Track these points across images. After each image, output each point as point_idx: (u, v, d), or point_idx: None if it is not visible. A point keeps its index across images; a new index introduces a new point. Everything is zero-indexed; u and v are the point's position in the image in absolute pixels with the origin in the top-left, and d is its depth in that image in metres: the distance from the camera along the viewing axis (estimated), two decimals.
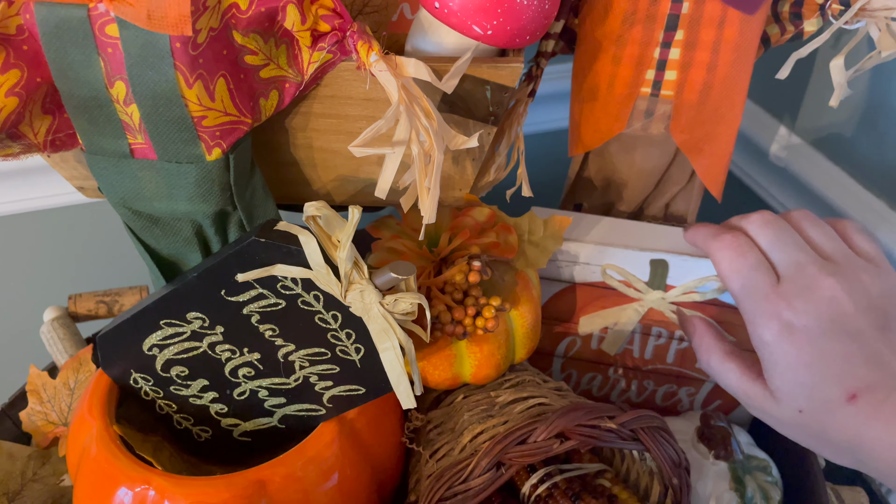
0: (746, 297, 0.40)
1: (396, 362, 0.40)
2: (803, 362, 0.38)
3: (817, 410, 0.38)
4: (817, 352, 0.38)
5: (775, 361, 0.39)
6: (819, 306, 0.38)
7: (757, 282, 0.40)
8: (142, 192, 0.40)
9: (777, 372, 0.39)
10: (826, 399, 0.37)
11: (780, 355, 0.39)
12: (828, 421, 0.38)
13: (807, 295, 0.38)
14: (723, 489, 0.51)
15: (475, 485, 0.42)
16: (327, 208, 0.36)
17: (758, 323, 0.39)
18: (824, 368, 0.37)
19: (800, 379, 0.38)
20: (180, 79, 0.35)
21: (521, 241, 0.51)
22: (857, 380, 0.37)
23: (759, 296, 0.39)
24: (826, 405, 0.38)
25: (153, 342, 0.43)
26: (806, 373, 0.38)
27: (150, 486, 0.41)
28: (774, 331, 0.39)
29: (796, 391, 0.38)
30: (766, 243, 0.41)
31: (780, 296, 0.39)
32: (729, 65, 0.49)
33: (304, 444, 0.43)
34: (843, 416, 0.37)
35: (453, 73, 0.36)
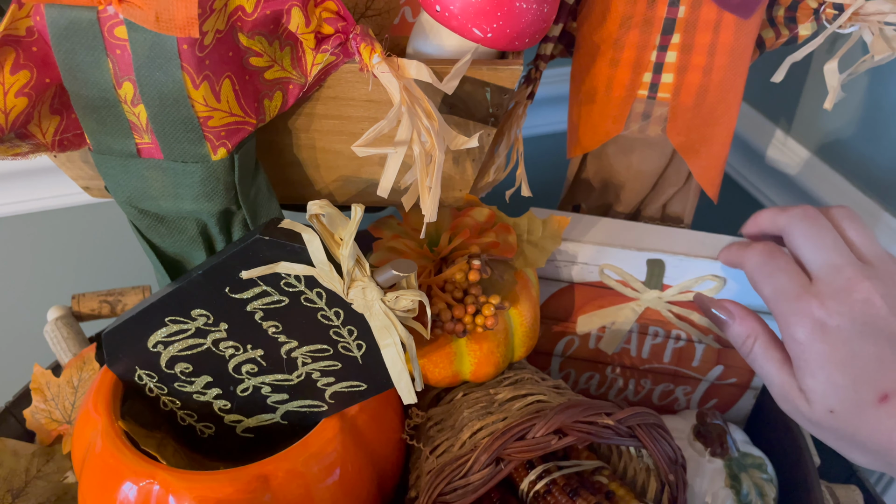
0: (779, 298, 0.40)
1: (398, 358, 0.41)
2: (835, 362, 0.38)
3: (849, 412, 0.38)
4: (850, 352, 0.37)
5: (807, 360, 0.39)
6: (853, 307, 0.38)
7: (789, 283, 0.40)
8: (148, 191, 0.41)
9: (809, 371, 0.39)
10: (858, 400, 0.37)
11: (813, 354, 0.38)
12: (859, 423, 0.38)
13: (841, 296, 0.38)
14: (718, 486, 0.52)
15: (474, 480, 0.43)
16: (330, 206, 0.37)
17: (791, 322, 0.39)
18: (856, 369, 0.37)
19: (832, 379, 0.38)
20: (187, 80, 0.36)
21: (521, 240, 0.51)
22: (890, 382, 0.37)
23: (792, 296, 0.39)
24: (858, 406, 0.37)
25: (158, 339, 0.44)
26: (838, 373, 0.38)
27: (155, 480, 0.42)
28: (807, 329, 0.38)
29: (828, 391, 0.38)
30: (802, 239, 0.41)
31: (813, 295, 0.39)
32: (724, 68, 0.50)
33: (306, 439, 0.44)
34: (875, 417, 0.37)
35: (454, 75, 0.36)
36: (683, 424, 0.55)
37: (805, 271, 0.41)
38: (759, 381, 0.58)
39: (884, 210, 0.63)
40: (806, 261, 0.41)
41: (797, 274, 0.40)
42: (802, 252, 0.41)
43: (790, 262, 0.41)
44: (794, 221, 0.42)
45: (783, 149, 0.73)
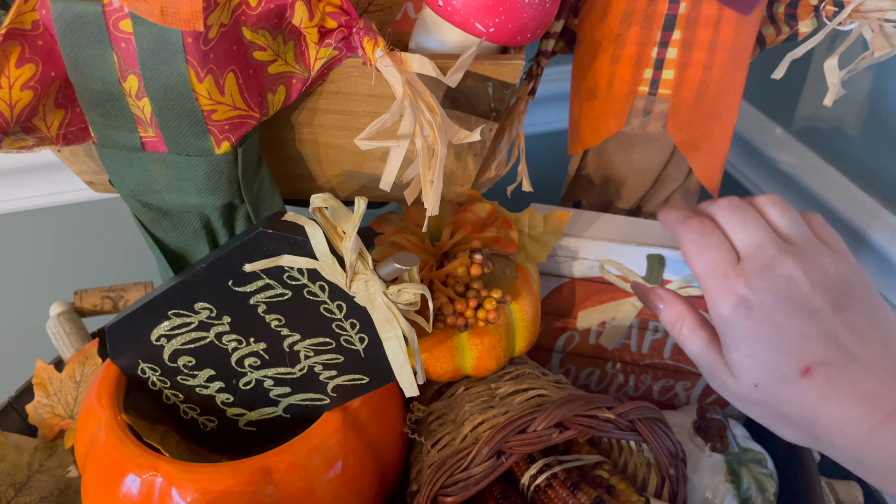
0: (708, 276, 0.41)
1: (399, 351, 0.41)
2: (759, 336, 0.38)
3: (773, 385, 0.38)
4: (773, 326, 0.38)
5: (733, 336, 0.39)
6: (777, 284, 0.39)
7: (718, 261, 0.41)
8: (152, 185, 0.41)
9: (734, 346, 0.40)
10: (781, 373, 0.38)
11: (738, 329, 0.39)
12: (783, 395, 0.38)
13: (765, 273, 0.39)
14: (718, 481, 0.52)
15: (476, 472, 0.43)
16: (334, 199, 0.37)
17: (716, 299, 0.40)
18: (780, 343, 0.38)
19: (756, 353, 0.39)
20: (191, 73, 0.36)
21: (522, 235, 0.52)
22: (812, 355, 0.37)
23: (720, 273, 0.40)
24: (782, 380, 0.38)
25: (161, 332, 0.44)
26: (761, 347, 0.38)
27: (158, 472, 0.42)
28: (731, 305, 0.39)
29: (752, 365, 0.39)
30: (728, 225, 0.42)
31: (738, 273, 0.40)
32: (725, 64, 0.50)
33: (308, 432, 0.44)
34: (798, 390, 0.37)
35: (458, 68, 0.37)
36: (684, 419, 0.55)
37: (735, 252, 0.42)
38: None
39: (883, 208, 0.64)
40: (734, 243, 0.42)
41: (727, 252, 0.41)
42: (730, 236, 0.42)
43: (722, 240, 0.42)
44: (720, 210, 0.43)
45: (784, 147, 0.73)
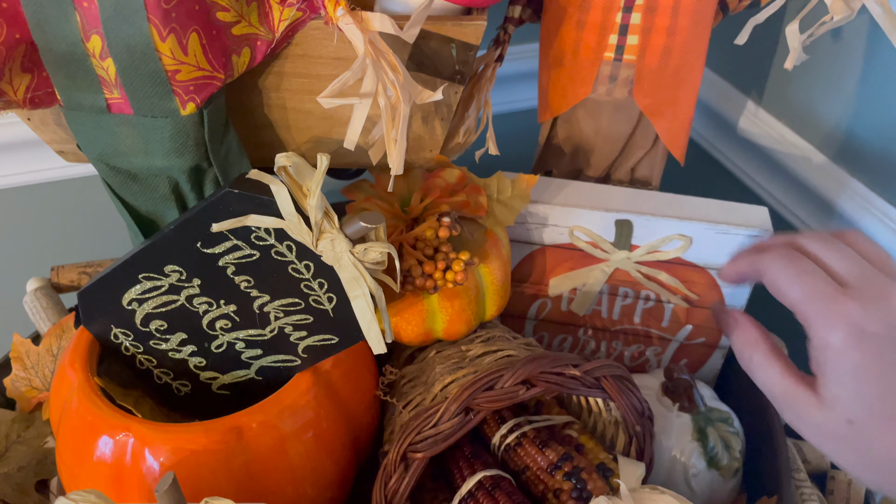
0: (811, 300, 0.38)
1: (367, 309, 0.42)
2: (869, 371, 0.36)
3: (872, 424, 0.36)
4: (884, 363, 0.36)
5: (838, 367, 0.37)
6: (891, 315, 0.36)
7: (822, 285, 0.38)
8: (119, 148, 0.42)
9: (837, 378, 0.37)
10: (886, 413, 0.36)
11: (846, 361, 0.37)
12: (880, 437, 0.36)
13: (880, 302, 0.37)
14: (686, 440, 0.53)
15: (444, 429, 0.44)
16: (297, 157, 0.38)
17: (824, 324, 0.37)
18: (889, 381, 0.36)
19: (862, 388, 0.36)
20: (154, 32, 0.36)
21: (490, 200, 0.52)
22: None
23: (827, 298, 0.37)
24: (885, 420, 0.36)
25: (132, 297, 0.45)
26: (868, 383, 0.36)
27: (130, 433, 0.42)
28: (843, 334, 0.37)
29: (853, 400, 0.37)
30: (822, 253, 0.39)
31: (851, 297, 0.37)
32: (687, 29, 0.51)
33: (279, 392, 0.45)
34: None
35: (413, 22, 0.37)
36: (653, 382, 0.56)
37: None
38: (727, 340, 0.60)
39: (851, 177, 0.65)
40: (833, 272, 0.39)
41: (827, 278, 0.38)
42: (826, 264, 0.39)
43: (816, 266, 0.39)
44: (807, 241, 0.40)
45: (754, 119, 0.74)
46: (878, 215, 0.62)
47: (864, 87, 0.62)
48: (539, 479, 0.47)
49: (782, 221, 0.72)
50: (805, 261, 0.39)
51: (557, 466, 0.46)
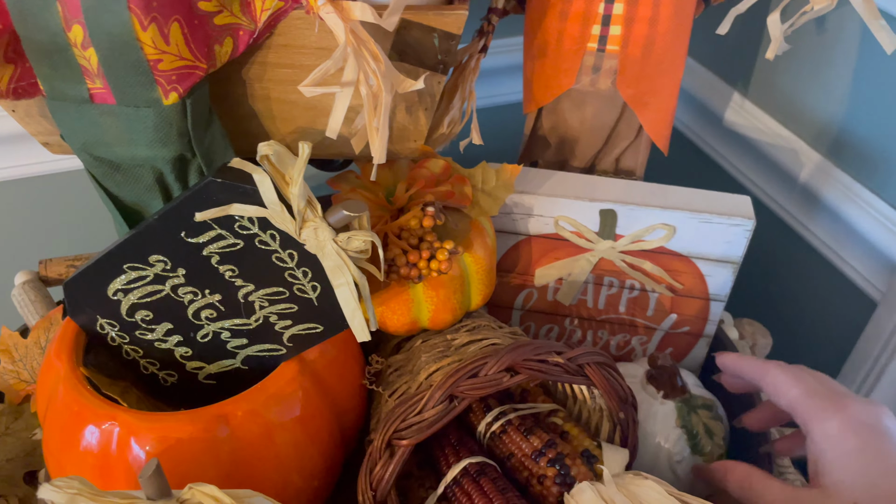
0: (810, 397, 0.43)
1: (351, 298, 0.42)
2: (868, 454, 0.40)
3: (876, 501, 0.39)
4: (880, 448, 0.40)
5: (838, 453, 0.40)
6: (880, 413, 0.41)
7: (819, 387, 0.43)
8: (102, 138, 0.42)
9: (839, 465, 0.40)
10: (888, 491, 0.39)
11: (845, 447, 0.40)
12: None
13: (864, 402, 0.42)
14: (670, 427, 0.53)
15: (429, 416, 0.44)
16: (279, 146, 0.38)
17: (824, 417, 0.41)
18: (887, 463, 0.39)
19: (863, 469, 0.39)
20: (135, 21, 0.36)
21: (475, 190, 0.53)
22: None
23: (824, 396, 0.42)
24: (888, 498, 0.38)
25: (117, 287, 0.45)
26: (870, 463, 0.39)
27: (116, 422, 0.42)
28: (841, 422, 0.41)
29: (857, 481, 0.39)
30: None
31: (843, 397, 0.42)
32: (669, 19, 0.51)
33: (265, 381, 0.45)
34: None
35: (392, 10, 0.37)
36: (637, 370, 0.57)
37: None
38: (712, 329, 0.60)
39: (835, 167, 0.65)
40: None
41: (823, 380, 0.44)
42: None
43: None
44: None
45: (739, 110, 0.75)
46: (861, 205, 0.63)
47: (849, 79, 0.62)
48: (524, 466, 0.48)
49: (766, 211, 0.73)
50: (800, 368, 0.45)
51: (542, 453, 0.47)
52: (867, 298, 0.65)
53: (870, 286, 0.64)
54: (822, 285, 0.70)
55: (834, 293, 0.69)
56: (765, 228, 0.71)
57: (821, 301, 0.70)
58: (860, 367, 0.66)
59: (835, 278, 0.68)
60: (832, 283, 0.68)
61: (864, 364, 0.66)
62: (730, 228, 0.55)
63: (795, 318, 0.74)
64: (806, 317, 0.72)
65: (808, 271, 0.71)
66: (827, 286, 0.69)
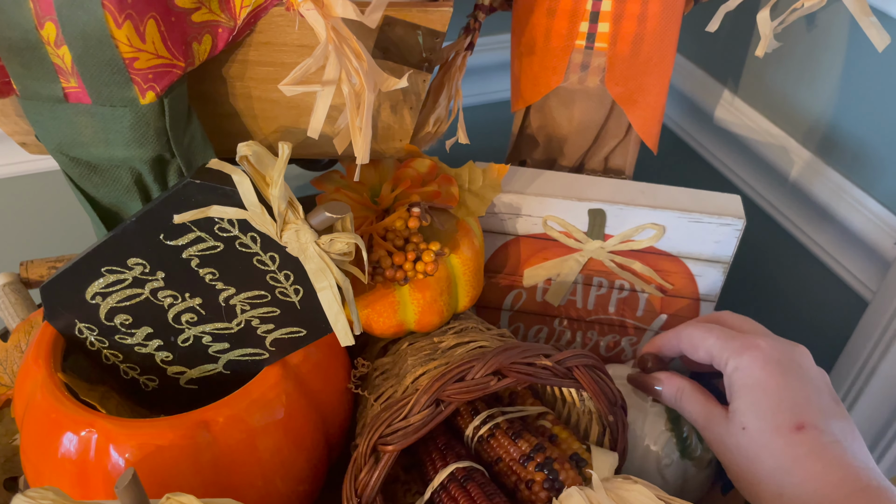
0: (726, 339, 0.45)
1: (334, 301, 0.41)
2: (765, 387, 0.42)
3: (762, 431, 0.42)
4: (781, 382, 0.42)
5: (741, 383, 0.43)
6: (794, 352, 0.44)
7: (730, 332, 0.45)
8: (78, 138, 0.41)
9: (738, 393, 0.43)
10: (775, 423, 0.41)
11: (748, 378, 0.43)
12: (768, 442, 0.41)
13: (780, 342, 0.44)
14: (659, 430, 0.53)
15: (415, 421, 0.44)
16: (258, 146, 0.37)
17: (735, 351, 0.44)
18: (781, 397, 0.42)
19: (756, 399, 0.42)
20: (109, 19, 0.35)
21: (462, 190, 0.52)
22: (808, 417, 0.41)
23: (738, 337, 0.45)
24: (773, 428, 0.41)
25: (95, 290, 0.44)
26: (764, 396, 0.42)
27: (95, 429, 0.41)
28: (751, 357, 0.43)
29: (748, 410, 0.42)
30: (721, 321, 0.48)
31: (756, 336, 0.44)
32: (658, 16, 0.50)
33: (248, 386, 0.44)
34: (787, 442, 0.41)
35: (374, 7, 0.37)
36: (626, 372, 0.56)
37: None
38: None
39: (825, 165, 0.65)
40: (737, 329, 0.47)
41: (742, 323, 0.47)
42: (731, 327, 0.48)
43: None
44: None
45: (730, 108, 0.74)
46: (852, 203, 0.62)
47: (840, 76, 0.62)
48: (512, 470, 0.47)
49: (756, 209, 0.72)
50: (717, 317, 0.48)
51: (530, 457, 0.46)
52: (858, 297, 0.64)
53: (861, 285, 0.63)
54: (813, 284, 0.69)
55: (825, 292, 0.68)
56: (755, 227, 0.70)
57: (812, 300, 0.70)
58: (852, 366, 0.66)
59: (826, 277, 0.67)
60: (823, 282, 0.68)
61: (855, 363, 0.65)
62: (720, 228, 0.54)
63: (786, 317, 0.73)
64: (797, 316, 0.72)
65: (799, 270, 0.71)
66: (818, 285, 0.69)
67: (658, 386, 0.50)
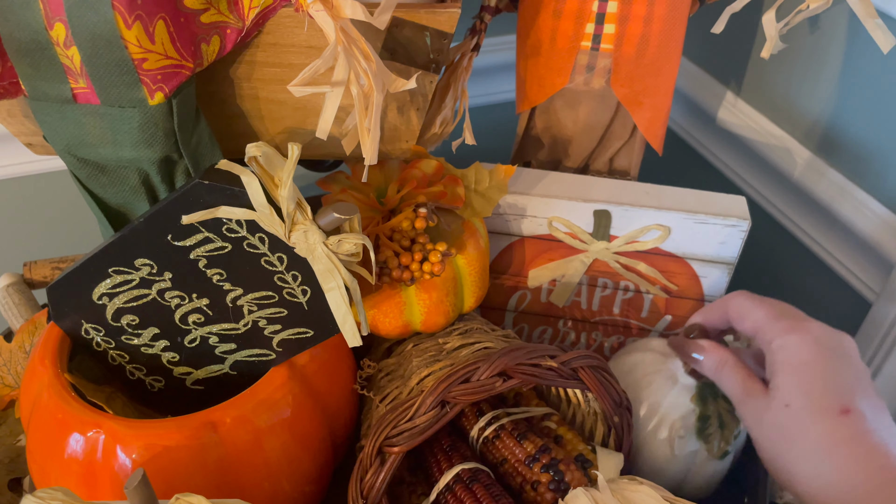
0: (774, 320, 0.44)
1: (341, 301, 0.41)
2: (815, 369, 0.42)
3: (806, 410, 0.41)
4: (829, 367, 0.42)
5: (789, 362, 0.42)
6: (841, 340, 0.43)
7: (781, 310, 0.45)
8: (86, 139, 0.41)
9: (785, 371, 0.42)
10: (820, 404, 0.41)
11: (796, 358, 0.42)
12: (811, 423, 0.41)
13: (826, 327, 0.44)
14: (684, 400, 0.50)
15: (420, 422, 0.44)
16: (267, 147, 0.37)
17: (784, 330, 0.43)
18: (830, 380, 0.41)
19: (804, 379, 0.42)
20: (119, 19, 0.35)
21: (468, 191, 0.52)
22: (853, 401, 0.41)
23: (789, 318, 0.44)
24: (818, 409, 0.41)
25: (102, 291, 0.44)
26: (813, 377, 0.42)
27: (101, 429, 0.42)
28: (801, 339, 0.42)
29: (794, 388, 0.42)
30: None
31: (807, 321, 0.44)
32: (664, 18, 0.50)
33: (254, 387, 0.44)
34: (832, 424, 0.40)
35: (383, 8, 0.37)
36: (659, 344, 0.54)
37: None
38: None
39: (828, 166, 0.65)
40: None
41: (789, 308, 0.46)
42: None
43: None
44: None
45: (733, 110, 0.74)
46: (855, 205, 0.63)
47: (843, 78, 0.62)
48: (517, 472, 0.47)
49: (760, 211, 0.72)
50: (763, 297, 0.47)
51: (535, 458, 0.46)
52: (861, 298, 0.64)
53: (864, 286, 0.64)
54: (817, 285, 0.69)
55: (828, 293, 0.68)
56: (758, 228, 0.71)
57: (815, 301, 0.70)
58: None
59: (829, 278, 0.67)
60: (826, 283, 0.68)
61: None
62: (725, 229, 0.54)
63: None
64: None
65: (802, 271, 0.71)
66: (821, 286, 0.69)
67: (700, 354, 0.49)
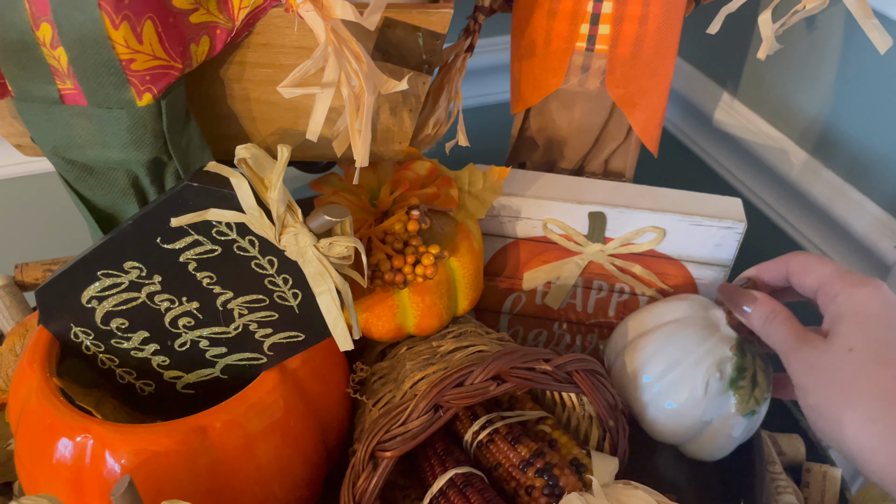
0: (842, 275, 0.44)
1: (333, 305, 0.41)
2: (882, 321, 0.41)
3: (869, 354, 0.40)
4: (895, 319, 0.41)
5: (856, 312, 0.42)
6: None
7: (846, 269, 0.44)
8: (74, 140, 0.40)
9: (849, 319, 0.42)
10: (888, 355, 0.40)
11: (865, 309, 0.42)
12: (875, 370, 0.40)
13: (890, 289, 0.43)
14: (724, 347, 0.49)
15: (413, 427, 0.43)
16: (257, 149, 0.37)
17: (853, 284, 0.43)
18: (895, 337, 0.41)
19: (871, 327, 0.41)
20: (106, 19, 0.35)
21: (462, 193, 0.52)
22: None
23: (853, 273, 0.44)
24: (882, 357, 0.40)
25: (91, 294, 0.43)
26: (880, 327, 0.41)
27: (90, 434, 0.41)
28: (870, 292, 0.42)
29: (859, 333, 0.41)
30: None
31: (875, 279, 0.43)
32: (659, 18, 0.50)
33: (245, 391, 0.44)
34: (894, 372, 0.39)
35: (373, 9, 0.36)
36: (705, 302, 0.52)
37: None
38: None
39: (825, 167, 0.65)
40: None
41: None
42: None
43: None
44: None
45: (730, 111, 0.74)
46: (852, 206, 0.62)
47: (839, 79, 0.62)
48: (511, 476, 0.46)
49: (757, 213, 0.72)
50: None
51: (530, 463, 0.46)
52: None
53: None
54: None
55: None
56: (755, 229, 0.70)
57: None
58: None
59: None
60: None
61: None
62: (720, 231, 0.54)
63: None
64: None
65: None
66: None
67: (751, 306, 0.47)
